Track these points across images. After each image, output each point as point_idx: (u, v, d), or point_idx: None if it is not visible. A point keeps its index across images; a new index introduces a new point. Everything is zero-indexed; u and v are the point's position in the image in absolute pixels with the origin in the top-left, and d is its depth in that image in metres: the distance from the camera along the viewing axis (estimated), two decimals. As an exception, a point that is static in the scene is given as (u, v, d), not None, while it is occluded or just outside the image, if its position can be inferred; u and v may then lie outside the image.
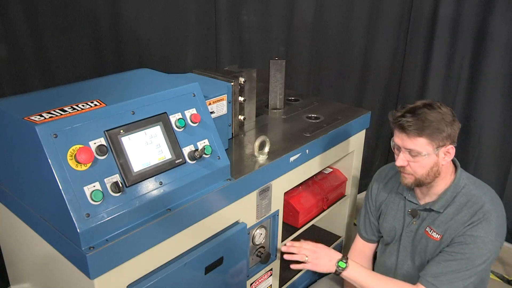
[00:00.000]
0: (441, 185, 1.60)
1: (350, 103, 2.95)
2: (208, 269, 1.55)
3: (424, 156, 1.52)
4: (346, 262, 1.63)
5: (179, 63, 2.46)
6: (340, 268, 1.62)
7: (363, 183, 3.08)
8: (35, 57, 2.03)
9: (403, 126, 1.51)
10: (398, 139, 1.54)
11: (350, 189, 2.31)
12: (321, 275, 2.07)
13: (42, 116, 1.25)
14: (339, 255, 1.65)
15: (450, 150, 1.54)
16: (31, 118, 1.24)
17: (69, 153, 1.22)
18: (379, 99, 3.20)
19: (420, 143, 1.51)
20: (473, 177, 1.64)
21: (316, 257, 1.65)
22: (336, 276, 1.68)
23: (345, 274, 1.62)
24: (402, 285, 1.60)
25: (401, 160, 1.55)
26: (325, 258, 1.64)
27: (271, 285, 1.96)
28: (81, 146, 1.24)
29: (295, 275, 2.12)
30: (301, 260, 1.66)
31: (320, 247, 1.67)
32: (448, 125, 1.50)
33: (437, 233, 1.60)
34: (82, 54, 2.13)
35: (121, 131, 1.33)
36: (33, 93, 1.47)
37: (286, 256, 1.67)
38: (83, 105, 1.33)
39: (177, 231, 1.43)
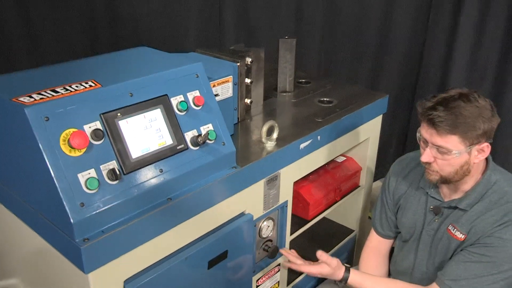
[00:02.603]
0: (470, 182, 1.56)
1: (365, 86, 2.92)
2: (212, 264, 1.56)
3: (455, 154, 1.46)
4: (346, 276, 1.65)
5: (179, 41, 2.44)
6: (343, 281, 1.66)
7: (378, 172, 3.06)
8: (21, 32, 1.99)
9: (434, 121, 1.44)
10: (426, 133, 1.48)
11: (364, 179, 2.31)
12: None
13: (32, 97, 1.25)
14: (341, 270, 1.66)
15: (485, 148, 1.47)
16: (19, 99, 1.23)
17: (61, 137, 1.22)
18: (397, 81, 3.17)
19: (452, 141, 1.44)
20: (507, 172, 1.60)
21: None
22: None
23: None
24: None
25: (427, 156, 1.50)
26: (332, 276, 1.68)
27: (278, 281, 1.97)
28: (75, 130, 1.24)
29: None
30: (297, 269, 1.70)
31: (324, 270, 1.66)
32: (485, 121, 1.42)
33: (461, 233, 1.57)
34: (73, 30, 2.10)
35: (118, 114, 1.32)
36: (21, 72, 1.46)
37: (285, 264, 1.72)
38: (76, 86, 1.32)
39: (178, 222, 1.43)
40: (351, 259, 2.48)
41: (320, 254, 1.65)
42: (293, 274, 2.07)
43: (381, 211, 1.84)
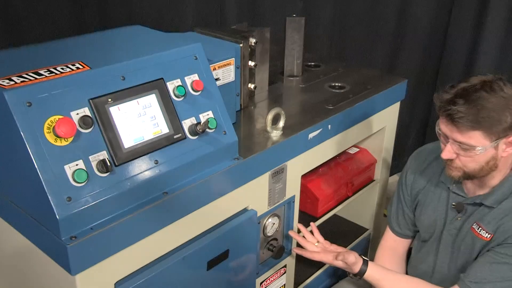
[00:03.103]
0: (497, 176, 1.55)
1: (382, 70, 2.90)
2: (211, 264, 1.56)
3: (479, 151, 1.44)
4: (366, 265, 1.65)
5: (176, 19, 2.42)
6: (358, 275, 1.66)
7: (394, 164, 3.05)
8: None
9: (453, 117, 1.41)
10: (446, 128, 1.46)
11: (380, 172, 2.31)
12: (341, 276, 2.07)
13: (12, 80, 1.24)
14: (359, 263, 1.67)
15: None
16: (-1, 82, 1.23)
17: (46, 125, 1.21)
18: (417, 64, 3.15)
19: (475, 137, 1.42)
20: None
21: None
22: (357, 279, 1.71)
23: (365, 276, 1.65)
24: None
25: (448, 152, 1.49)
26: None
27: (284, 284, 1.98)
28: (60, 117, 1.23)
29: (313, 273, 2.12)
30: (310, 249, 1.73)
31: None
32: None
33: (487, 232, 1.56)
34: (57, 6, 2.08)
35: (109, 99, 1.32)
36: (-1, 52, 1.46)
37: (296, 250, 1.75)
38: (62, 68, 1.31)
39: (175, 219, 1.43)
40: (364, 260, 2.48)
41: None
42: (301, 276, 2.08)
43: (397, 207, 1.84)
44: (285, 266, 1.92)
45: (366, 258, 1.69)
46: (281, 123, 1.73)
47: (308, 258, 1.74)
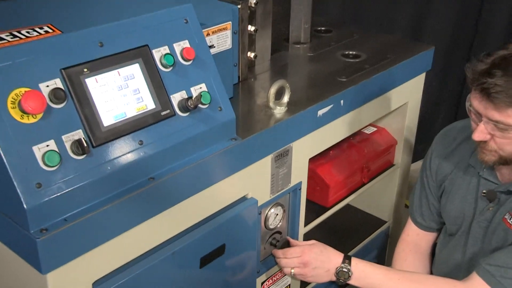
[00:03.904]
0: None
1: (404, 35, 2.88)
2: (205, 261, 1.57)
3: None
4: (348, 271, 1.68)
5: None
6: (341, 278, 1.69)
7: (419, 149, 3.05)
8: None
9: (489, 92, 1.40)
10: (480, 105, 1.45)
11: (401, 156, 2.31)
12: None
13: (-32, 46, 1.24)
14: (338, 260, 1.70)
15: None
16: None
17: (10, 99, 1.21)
18: (448, 28, 3.12)
19: None
20: None
21: (305, 272, 1.73)
22: None
23: (352, 283, 1.68)
24: (439, 282, 1.62)
25: (481, 133, 1.48)
26: (319, 269, 1.72)
27: (289, 285, 1.99)
28: (27, 89, 1.22)
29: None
30: (286, 273, 1.79)
31: (311, 255, 1.72)
32: None
33: None
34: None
35: (85, 70, 1.31)
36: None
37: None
38: (28, 32, 1.30)
39: (163, 208, 1.43)
40: (382, 258, 2.49)
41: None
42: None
43: (421, 196, 1.84)
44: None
45: (348, 255, 1.72)
46: (285, 98, 1.72)
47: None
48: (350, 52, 2.12)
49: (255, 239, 1.73)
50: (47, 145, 1.23)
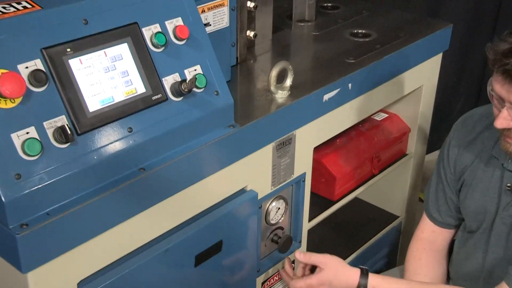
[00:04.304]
0: None
1: (419, 12, 2.87)
2: (200, 259, 1.57)
3: None
4: (366, 276, 1.66)
5: None
6: None
7: (436, 139, 3.05)
8: None
9: (511, 74, 1.40)
10: (502, 89, 1.44)
11: (414, 145, 2.32)
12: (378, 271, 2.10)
13: None
14: (355, 277, 1.67)
15: None
16: None
17: (-14, 82, 1.21)
18: (468, 4, 3.11)
19: None
20: None
21: None
22: None
23: None
24: None
25: (504, 120, 1.47)
26: None
27: (292, 284, 1.99)
28: (4, 71, 1.22)
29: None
30: None
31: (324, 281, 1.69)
32: None
33: None
34: None
35: (68, 50, 1.31)
36: None
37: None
38: (4, 7, 1.29)
39: (154, 202, 1.43)
40: (393, 257, 2.50)
41: (299, 255, 1.72)
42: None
43: (437, 189, 1.84)
44: (293, 261, 1.93)
45: (365, 267, 1.69)
46: (288, 82, 1.72)
47: None
48: (359, 31, 2.12)
49: (255, 235, 1.73)
50: (27, 133, 1.23)
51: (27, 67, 1.25)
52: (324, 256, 1.70)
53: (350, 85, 1.85)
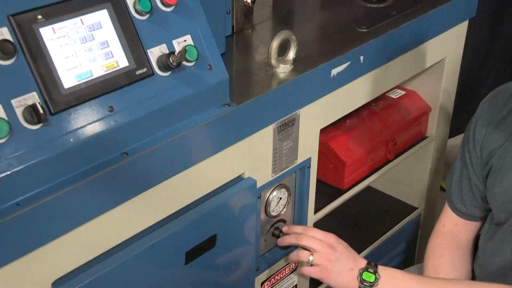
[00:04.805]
0: None
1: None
2: (191, 256, 1.58)
3: None
4: (374, 272, 1.67)
5: None
6: (366, 282, 1.67)
7: (461, 120, 3.04)
8: None
9: None
10: None
11: (435, 126, 2.32)
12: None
13: None
14: (363, 261, 1.70)
15: None
16: None
17: None
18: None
19: None
20: None
21: (329, 258, 1.71)
22: None
23: None
24: None
25: None
26: (343, 263, 1.71)
27: (296, 285, 2.01)
28: (-34, 41, 1.22)
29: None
30: (302, 259, 1.75)
31: (338, 241, 1.72)
32: None
33: None
34: None
35: (39, 17, 1.30)
36: None
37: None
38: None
39: (139, 191, 1.44)
40: (411, 254, 2.51)
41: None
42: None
43: (461, 176, 1.84)
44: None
45: (372, 262, 1.71)
46: (290, 54, 1.73)
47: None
48: (373, -5, 2.12)
49: (254, 229, 1.74)
50: (-7, 112, 1.23)
51: (-8, 37, 1.25)
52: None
53: (362, 57, 1.85)
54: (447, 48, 2.18)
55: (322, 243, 1.73)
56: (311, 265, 1.75)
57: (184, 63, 1.46)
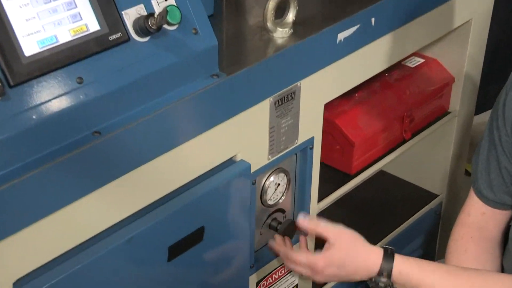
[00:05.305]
0: None
1: None
2: (175, 252, 1.58)
3: None
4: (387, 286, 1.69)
5: None
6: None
7: (490, 92, 3.04)
8: None
9: None
10: None
11: (459, 100, 2.32)
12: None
13: None
14: (374, 262, 1.70)
15: None
16: None
17: None
18: None
19: None
20: None
21: (320, 278, 1.75)
22: None
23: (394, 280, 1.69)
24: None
25: None
26: (341, 275, 1.74)
27: (297, 285, 2.02)
28: None
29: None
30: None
31: (325, 265, 1.72)
32: None
33: None
34: None
35: (-7, -29, 1.30)
36: None
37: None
38: None
39: (114, 176, 1.44)
40: (431, 249, 2.52)
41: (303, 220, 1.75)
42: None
43: (489, 157, 1.84)
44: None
45: (389, 247, 1.72)
46: (290, 16, 1.73)
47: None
48: None
49: (248, 220, 1.74)
50: None
51: None
52: (336, 228, 1.73)
53: (373, 20, 1.85)
54: (473, 8, 2.18)
55: (307, 269, 1.75)
56: None
57: (165, 26, 1.46)
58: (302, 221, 1.76)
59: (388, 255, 1.69)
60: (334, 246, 1.70)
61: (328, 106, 1.88)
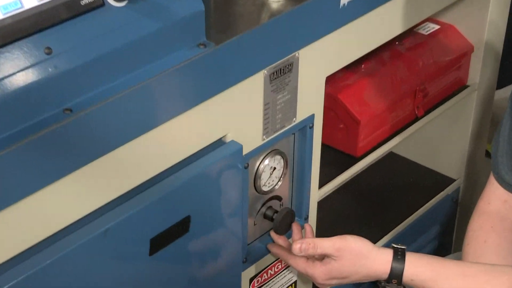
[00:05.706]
0: None
1: None
2: (157, 244, 1.59)
3: None
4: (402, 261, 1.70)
5: None
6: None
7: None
8: None
9: None
10: None
11: (479, 72, 2.33)
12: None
13: None
14: (384, 266, 1.71)
15: None
16: None
17: None
18: None
19: None
20: None
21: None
22: None
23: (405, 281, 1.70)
24: None
25: None
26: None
27: (295, 282, 2.03)
28: None
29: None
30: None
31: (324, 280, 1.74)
32: None
33: None
34: None
35: None
36: None
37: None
38: None
39: (87, 160, 1.44)
40: (448, 239, 2.53)
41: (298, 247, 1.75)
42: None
43: (511, 137, 1.85)
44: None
45: (400, 247, 1.73)
46: (287, -23, 1.73)
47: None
48: None
49: (239, 209, 1.75)
50: None
51: None
52: (339, 240, 1.73)
53: (381, -19, 1.86)
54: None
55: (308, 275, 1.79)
56: None
57: (145, -11, 1.47)
58: (297, 247, 1.75)
59: (399, 255, 1.70)
60: (336, 261, 1.72)
61: (330, 80, 1.89)
